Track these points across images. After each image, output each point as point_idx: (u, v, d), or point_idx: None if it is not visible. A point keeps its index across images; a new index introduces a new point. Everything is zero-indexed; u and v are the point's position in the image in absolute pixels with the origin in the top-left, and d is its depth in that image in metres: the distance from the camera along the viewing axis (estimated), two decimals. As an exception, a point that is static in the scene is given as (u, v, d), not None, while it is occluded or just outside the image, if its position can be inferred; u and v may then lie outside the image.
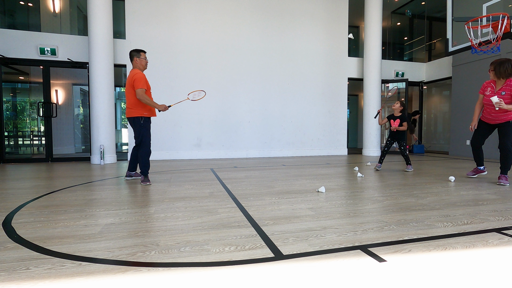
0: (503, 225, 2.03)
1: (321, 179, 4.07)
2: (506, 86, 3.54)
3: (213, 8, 7.16)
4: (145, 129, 3.78)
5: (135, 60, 3.82)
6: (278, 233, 1.89)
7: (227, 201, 2.78)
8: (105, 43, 6.15)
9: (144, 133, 3.77)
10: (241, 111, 7.43)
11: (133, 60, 3.83)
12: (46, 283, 1.28)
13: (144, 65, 3.88)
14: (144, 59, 3.87)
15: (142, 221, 2.16)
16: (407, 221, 2.14)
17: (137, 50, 3.84)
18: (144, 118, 3.76)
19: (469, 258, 1.51)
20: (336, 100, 8.17)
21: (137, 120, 3.74)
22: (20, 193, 3.22)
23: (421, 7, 9.75)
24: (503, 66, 3.50)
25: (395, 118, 4.87)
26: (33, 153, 8.10)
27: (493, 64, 3.60)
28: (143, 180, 3.75)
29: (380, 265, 1.43)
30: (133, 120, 3.76)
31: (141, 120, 3.75)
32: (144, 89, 3.65)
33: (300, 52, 7.79)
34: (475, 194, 3.06)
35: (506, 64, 3.49)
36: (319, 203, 2.70)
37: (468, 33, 4.87)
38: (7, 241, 1.78)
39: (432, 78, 9.09)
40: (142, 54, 3.85)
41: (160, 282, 1.28)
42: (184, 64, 7.04)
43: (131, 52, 3.85)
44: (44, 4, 7.30)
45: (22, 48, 6.30)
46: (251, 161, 6.64)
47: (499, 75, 3.54)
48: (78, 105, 9.00)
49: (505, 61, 3.52)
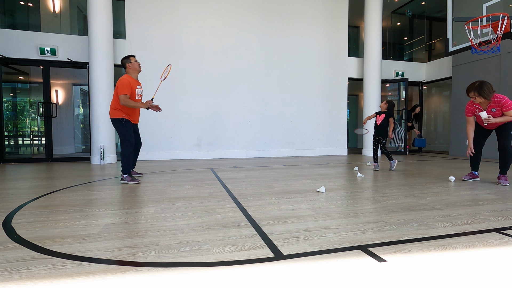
0: (503, 225, 2.03)
1: (321, 179, 4.07)
2: (494, 103, 3.52)
3: (213, 8, 7.16)
4: (126, 127, 3.85)
5: (128, 66, 3.96)
6: (278, 233, 1.89)
7: (227, 201, 2.78)
8: (105, 43, 6.15)
9: (124, 131, 3.85)
10: (241, 111, 7.43)
11: (126, 67, 3.98)
12: (46, 283, 1.28)
13: (137, 67, 3.99)
14: (135, 62, 3.97)
15: (142, 221, 2.16)
16: (407, 221, 2.14)
17: (126, 57, 4.00)
18: (125, 119, 3.85)
19: (469, 258, 1.51)
20: (336, 100, 8.17)
21: (118, 121, 3.84)
22: (20, 193, 3.22)
23: (421, 7, 9.75)
24: (485, 86, 3.44)
25: (380, 113, 4.99)
26: (33, 153, 8.11)
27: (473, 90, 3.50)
28: (129, 179, 3.79)
29: (380, 265, 1.43)
30: (115, 121, 3.86)
31: (123, 121, 3.84)
32: (127, 95, 3.76)
33: (300, 52, 7.79)
34: (475, 194, 3.06)
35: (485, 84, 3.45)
36: (319, 203, 2.70)
37: (468, 33, 4.87)
38: (7, 241, 1.78)
39: (432, 78, 9.09)
40: (132, 59, 3.97)
41: (160, 282, 1.28)
42: (184, 64, 7.03)
43: (121, 60, 4.01)
44: (44, 4, 7.30)
45: (22, 48, 6.30)
46: (251, 161, 6.64)
47: (486, 96, 3.46)
48: (78, 105, 9.00)
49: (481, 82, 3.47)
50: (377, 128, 5.00)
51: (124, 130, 3.85)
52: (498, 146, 3.66)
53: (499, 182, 3.62)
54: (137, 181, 3.80)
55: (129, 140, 3.86)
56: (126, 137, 3.85)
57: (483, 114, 3.52)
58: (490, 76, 6.84)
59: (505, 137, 3.61)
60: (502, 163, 3.66)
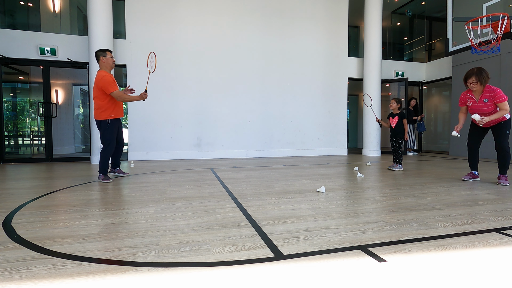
0: (503, 225, 2.03)
1: (321, 179, 4.07)
2: (486, 93, 3.51)
3: (213, 8, 7.16)
4: (109, 131, 3.90)
5: (101, 59, 3.85)
6: (278, 233, 1.89)
7: (227, 201, 2.78)
8: (105, 43, 6.15)
9: (107, 135, 3.90)
10: (241, 111, 7.43)
11: (99, 60, 3.86)
12: (46, 283, 1.28)
13: (111, 64, 3.93)
14: (111, 57, 3.90)
15: (142, 221, 2.16)
16: (407, 221, 2.14)
17: (102, 50, 3.90)
18: (110, 120, 3.88)
19: (469, 258, 1.51)
20: (336, 100, 8.17)
21: (103, 123, 3.87)
22: (20, 193, 3.22)
23: (421, 7, 9.75)
24: (484, 71, 3.46)
25: (393, 116, 5.02)
26: (33, 153, 8.11)
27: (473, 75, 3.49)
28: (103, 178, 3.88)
29: (380, 265, 1.43)
30: (98, 122, 3.90)
31: (108, 122, 3.87)
32: (118, 90, 3.79)
33: (300, 52, 7.79)
34: (475, 194, 3.06)
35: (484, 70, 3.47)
36: (319, 203, 2.70)
37: (468, 33, 4.87)
38: (7, 241, 1.78)
39: (432, 78, 9.09)
40: (108, 53, 3.89)
41: (160, 282, 1.28)
42: (184, 64, 7.03)
43: (96, 52, 3.90)
44: (44, 4, 7.30)
45: (22, 48, 6.30)
46: (251, 161, 6.64)
47: (484, 81, 3.47)
48: (78, 105, 9.00)
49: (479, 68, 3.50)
50: (393, 131, 5.02)
51: (108, 133, 3.90)
52: (495, 146, 3.65)
53: (499, 182, 3.62)
54: (109, 180, 3.91)
55: (111, 144, 3.94)
56: (109, 141, 3.92)
57: (476, 117, 3.51)
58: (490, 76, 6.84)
59: (501, 137, 3.58)
60: (501, 163, 3.66)
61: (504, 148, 3.58)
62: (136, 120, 6.78)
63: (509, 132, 3.60)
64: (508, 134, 3.59)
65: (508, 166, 3.63)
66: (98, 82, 3.75)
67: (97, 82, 3.75)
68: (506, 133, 3.58)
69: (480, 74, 3.46)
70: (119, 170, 4.36)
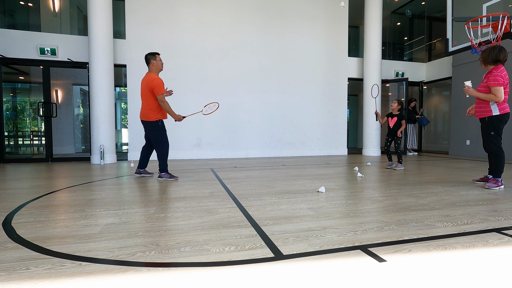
0: (503, 225, 2.03)
1: (321, 179, 4.07)
2: (488, 74, 3.31)
3: (213, 8, 7.16)
4: (162, 130, 3.98)
5: (152, 62, 3.92)
6: (278, 233, 1.89)
7: (227, 201, 2.78)
8: (105, 43, 6.15)
9: (161, 135, 3.98)
10: (241, 111, 7.43)
11: (150, 63, 3.93)
12: (46, 283, 1.28)
13: (161, 67, 4.00)
14: (160, 60, 3.98)
15: (142, 221, 2.16)
16: (407, 221, 2.14)
17: (152, 53, 3.97)
18: (161, 120, 3.97)
19: (469, 258, 1.51)
20: (336, 100, 8.17)
21: (154, 124, 3.93)
22: (20, 193, 3.22)
23: (421, 7, 9.75)
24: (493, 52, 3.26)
25: (392, 116, 5.05)
26: (33, 153, 8.11)
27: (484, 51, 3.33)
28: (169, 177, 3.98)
29: (380, 265, 1.43)
30: (149, 124, 3.93)
31: (159, 123, 3.95)
32: (165, 95, 3.88)
33: (300, 52, 7.79)
34: (475, 194, 3.06)
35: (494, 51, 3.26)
36: (319, 203, 2.70)
37: (468, 33, 4.87)
38: (7, 241, 1.78)
39: (432, 78, 9.09)
40: (157, 57, 3.97)
41: (160, 282, 1.28)
42: (184, 64, 7.04)
43: (147, 55, 3.95)
44: (44, 4, 7.30)
45: (22, 48, 6.30)
46: (251, 161, 6.64)
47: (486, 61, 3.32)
48: (78, 105, 9.00)
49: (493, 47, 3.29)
50: (391, 131, 5.07)
51: (161, 133, 3.97)
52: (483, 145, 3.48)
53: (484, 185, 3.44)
54: (175, 177, 4.02)
55: (166, 142, 4.00)
56: (164, 140, 3.99)
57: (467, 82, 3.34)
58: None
59: (484, 137, 3.40)
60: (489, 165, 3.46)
61: (490, 150, 3.37)
62: (136, 120, 6.78)
63: (495, 133, 3.33)
64: (493, 135, 3.33)
65: (499, 167, 3.36)
66: (149, 83, 3.79)
67: (149, 83, 3.79)
68: (489, 134, 3.35)
69: (485, 53, 3.29)
70: (145, 171, 4.36)
